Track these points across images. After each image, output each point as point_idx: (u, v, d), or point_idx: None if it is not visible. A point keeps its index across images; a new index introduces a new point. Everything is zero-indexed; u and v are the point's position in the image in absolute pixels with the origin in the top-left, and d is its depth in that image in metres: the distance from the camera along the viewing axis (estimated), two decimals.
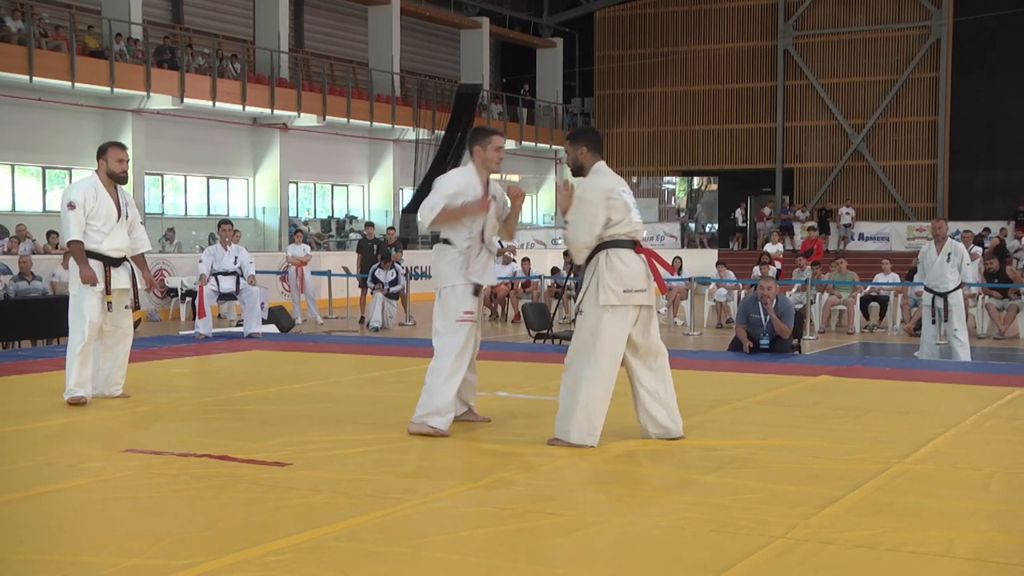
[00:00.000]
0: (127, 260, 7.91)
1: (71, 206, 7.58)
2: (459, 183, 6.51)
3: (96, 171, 7.80)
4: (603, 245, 6.11)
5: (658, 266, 6.23)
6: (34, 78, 20.44)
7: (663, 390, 6.24)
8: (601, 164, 6.36)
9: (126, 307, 7.91)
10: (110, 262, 7.74)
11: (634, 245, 6.15)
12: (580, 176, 6.39)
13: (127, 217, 7.83)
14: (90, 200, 7.63)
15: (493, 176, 6.68)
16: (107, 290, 7.69)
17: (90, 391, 7.71)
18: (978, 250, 21.13)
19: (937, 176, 33.65)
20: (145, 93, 22.51)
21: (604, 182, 6.20)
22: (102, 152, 7.76)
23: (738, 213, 34.07)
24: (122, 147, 7.92)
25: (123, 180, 7.83)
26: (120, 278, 7.81)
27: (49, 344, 12.89)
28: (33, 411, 7.37)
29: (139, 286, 7.99)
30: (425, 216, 6.44)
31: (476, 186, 6.51)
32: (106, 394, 7.88)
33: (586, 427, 6.02)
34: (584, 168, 6.35)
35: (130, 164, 7.91)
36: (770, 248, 23.03)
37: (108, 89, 21.88)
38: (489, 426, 6.76)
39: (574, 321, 6.34)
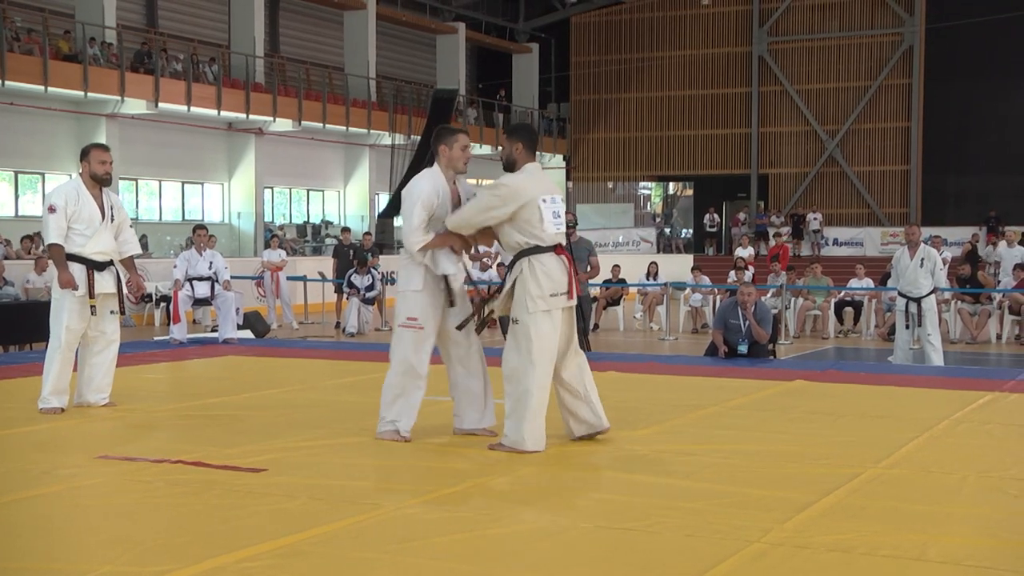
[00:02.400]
0: (113, 264, 7.76)
1: (52, 209, 7.49)
2: (431, 188, 6.39)
3: (80, 173, 7.71)
4: (525, 252, 6.11)
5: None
6: (6, 82, 20.28)
7: (583, 388, 6.29)
8: (534, 165, 6.31)
9: (111, 312, 7.74)
10: (94, 266, 7.58)
11: (555, 248, 6.17)
12: (509, 171, 6.30)
13: (112, 220, 7.69)
14: (71, 203, 7.51)
15: (471, 180, 6.66)
16: (91, 294, 7.54)
17: (66, 401, 7.54)
18: (948, 255, 21.28)
19: (910, 182, 33.91)
20: (119, 97, 22.37)
21: (530, 186, 6.13)
22: (85, 154, 7.67)
23: (706, 219, 34.19)
24: (105, 149, 7.80)
25: (106, 182, 7.69)
26: (104, 282, 7.65)
27: (22, 350, 12.79)
28: (5, 418, 7.28)
29: (124, 290, 7.84)
30: (413, 241, 6.29)
31: (445, 187, 6.44)
32: (90, 402, 7.68)
33: (539, 433, 6.09)
34: (515, 165, 6.28)
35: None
36: (742, 252, 23.11)
37: (82, 93, 21.74)
38: (463, 432, 6.74)
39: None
